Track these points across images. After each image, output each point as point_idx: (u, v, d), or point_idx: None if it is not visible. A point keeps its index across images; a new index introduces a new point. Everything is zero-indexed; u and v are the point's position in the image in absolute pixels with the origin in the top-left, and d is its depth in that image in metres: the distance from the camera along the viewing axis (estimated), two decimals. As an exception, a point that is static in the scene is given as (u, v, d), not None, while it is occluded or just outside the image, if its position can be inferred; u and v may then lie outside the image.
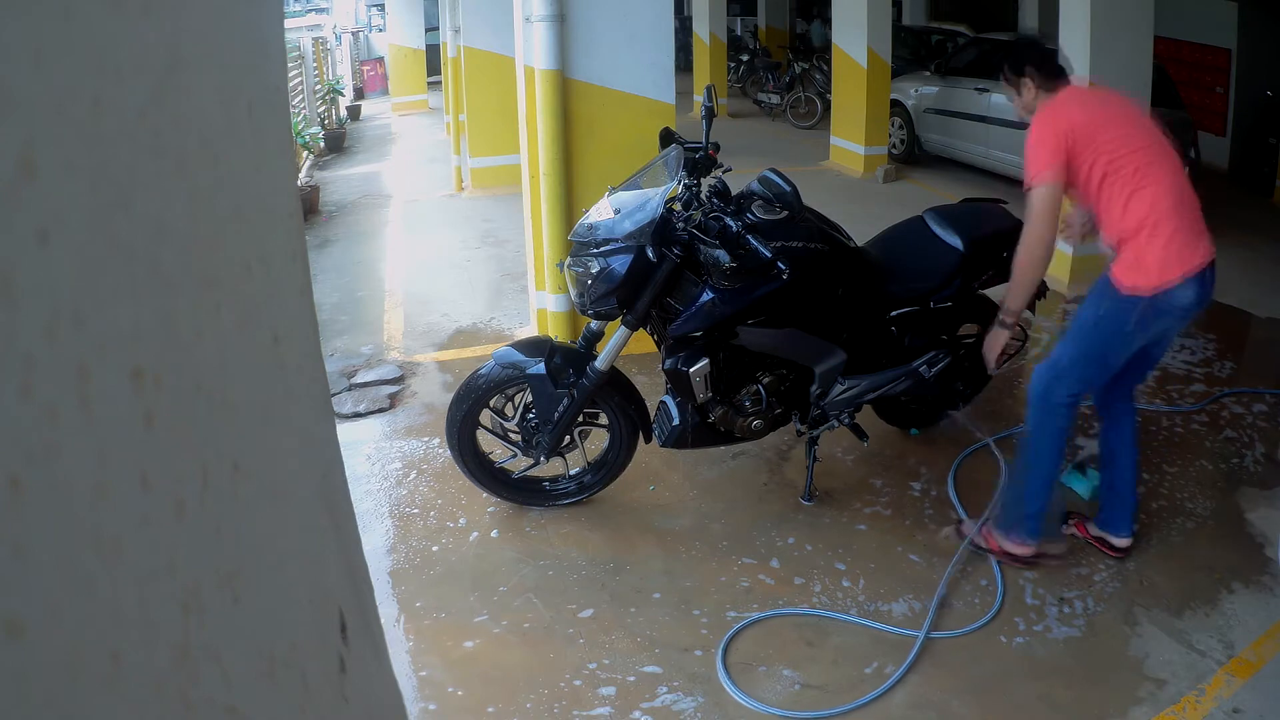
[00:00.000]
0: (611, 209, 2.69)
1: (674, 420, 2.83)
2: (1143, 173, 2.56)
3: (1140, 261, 2.53)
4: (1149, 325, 2.58)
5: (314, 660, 0.44)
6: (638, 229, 2.60)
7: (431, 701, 2.28)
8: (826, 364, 2.90)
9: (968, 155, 8.16)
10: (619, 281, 2.62)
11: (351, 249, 6.57)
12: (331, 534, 0.50)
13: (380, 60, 16.65)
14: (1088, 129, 2.59)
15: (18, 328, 0.26)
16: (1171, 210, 2.53)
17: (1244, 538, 2.95)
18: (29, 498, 0.26)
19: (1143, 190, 2.55)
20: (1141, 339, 2.63)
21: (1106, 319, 2.62)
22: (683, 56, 13.53)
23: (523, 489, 3.03)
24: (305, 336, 0.49)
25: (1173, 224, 2.52)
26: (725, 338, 2.75)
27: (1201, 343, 4.53)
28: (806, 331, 2.82)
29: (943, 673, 2.36)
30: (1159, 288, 2.50)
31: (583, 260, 2.68)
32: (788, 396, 2.95)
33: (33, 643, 0.25)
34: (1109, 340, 2.63)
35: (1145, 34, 5.17)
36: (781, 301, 2.72)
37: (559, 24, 3.76)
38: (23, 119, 0.26)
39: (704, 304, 2.65)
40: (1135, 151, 2.58)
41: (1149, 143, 2.63)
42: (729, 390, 2.84)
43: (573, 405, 2.78)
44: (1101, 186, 2.58)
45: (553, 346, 2.83)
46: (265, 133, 0.44)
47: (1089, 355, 2.66)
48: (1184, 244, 2.52)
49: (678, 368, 2.72)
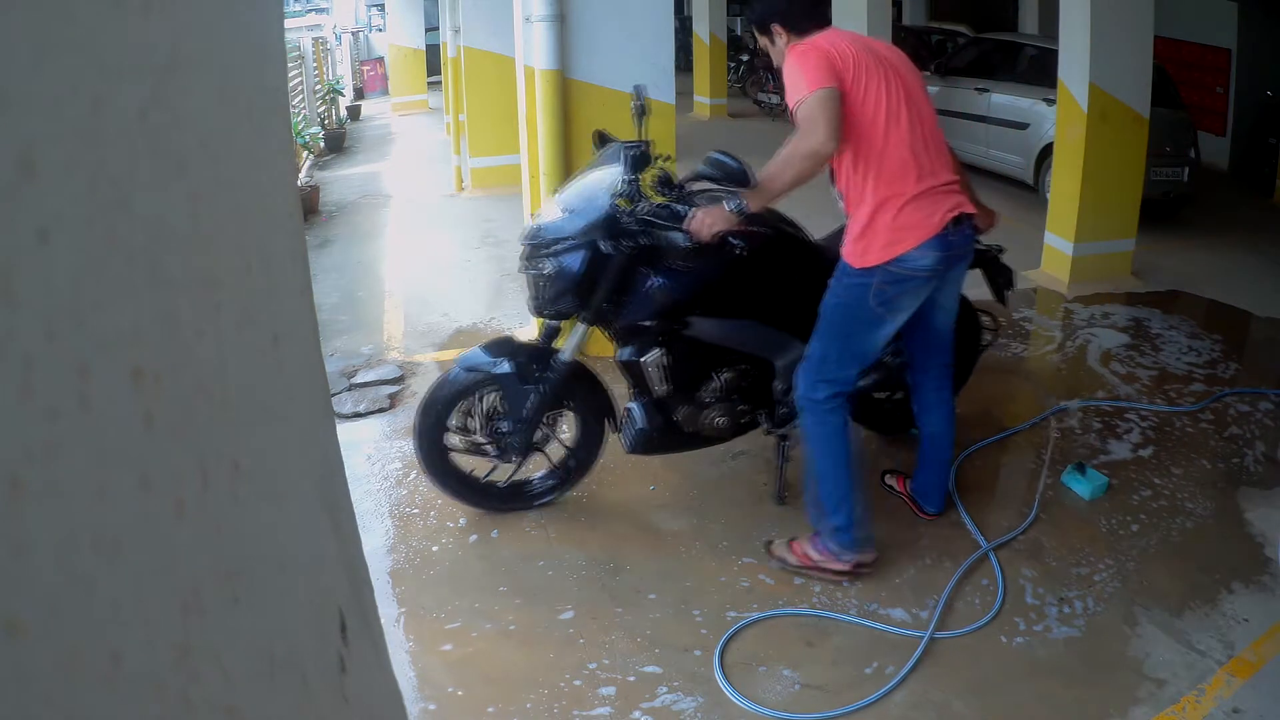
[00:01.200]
0: (560, 210, 2.70)
1: (638, 424, 2.81)
2: (880, 122, 2.37)
3: (866, 235, 2.40)
4: (893, 299, 2.44)
5: (314, 660, 0.44)
6: (589, 224, 2.61)
7: (431, 701, 2.28)
8: (788, 357, 2.86)
9: (968, 155, 8.14)
10: (574, 278, 2.63)
11: (351, 249, 6.57)
12: (331, 534, 0.50)
13: (380, 60, 16.64)
14: (856, 62, 2.37)
15: (18, 328, 0.26)
16: (898, 173, 2.37)
17: (1244, 538, 2.94)
18: (29, 498, 0.26)
19: (880, 146, 2.37)
20: (893, 315, 2.48)
21: (844, 303, 2.49)
22: (683, 56, 13.51)
23: (509, 496, 3.01)
24: (305, 336, 0.49)
25: (905, 192, 2.37)
26: (678, 328, 2.73)
27: (1202, 343, 4.53)
28: (763, 323, 2.80)
29: (943, 673, 2.36)
30: (888, 260, 2.38)
31: (535, 263, 2.69)
32: (753, 393, 2.91)
33: (33, 643, 0.25)
34: (853, 325, 2.49)
35: (1145, 34, 5.17)
36: (733, 289, 2.70)
37: (559, 24, 3.76)
38: (23, 119, 0.26)
39: (652, 289, 2.64)
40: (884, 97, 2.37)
41: (896, 84, 2.41)
42: (689, 386, 2.82)
43: (542, 399, 2.79)
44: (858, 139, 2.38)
45: (516, 345, 2.85)
46: (265, 133, 0.44)
47: (839, 345, 2.53)
48: (916, 210, 2.37)
49: (630, 358, 2.71)
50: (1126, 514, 3.05)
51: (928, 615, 2.54)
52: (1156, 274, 5.54)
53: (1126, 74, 5.14)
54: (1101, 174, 5.19)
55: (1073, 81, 5.17)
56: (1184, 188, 6.75)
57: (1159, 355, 4.38)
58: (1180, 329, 4.72)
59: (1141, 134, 5.29)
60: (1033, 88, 7.27)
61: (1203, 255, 6.02)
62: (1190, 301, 5.19)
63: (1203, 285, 5.39)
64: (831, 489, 2.59)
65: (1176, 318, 4.89)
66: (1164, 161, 6.45)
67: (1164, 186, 6.56)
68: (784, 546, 2.73)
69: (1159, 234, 6.22)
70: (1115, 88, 5.13)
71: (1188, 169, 6.70)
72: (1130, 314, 4.94)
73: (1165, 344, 4.52)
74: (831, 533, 2.61)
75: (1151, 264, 5.64)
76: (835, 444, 2.57)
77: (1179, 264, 5.75)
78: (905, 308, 2.50)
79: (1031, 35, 9.53)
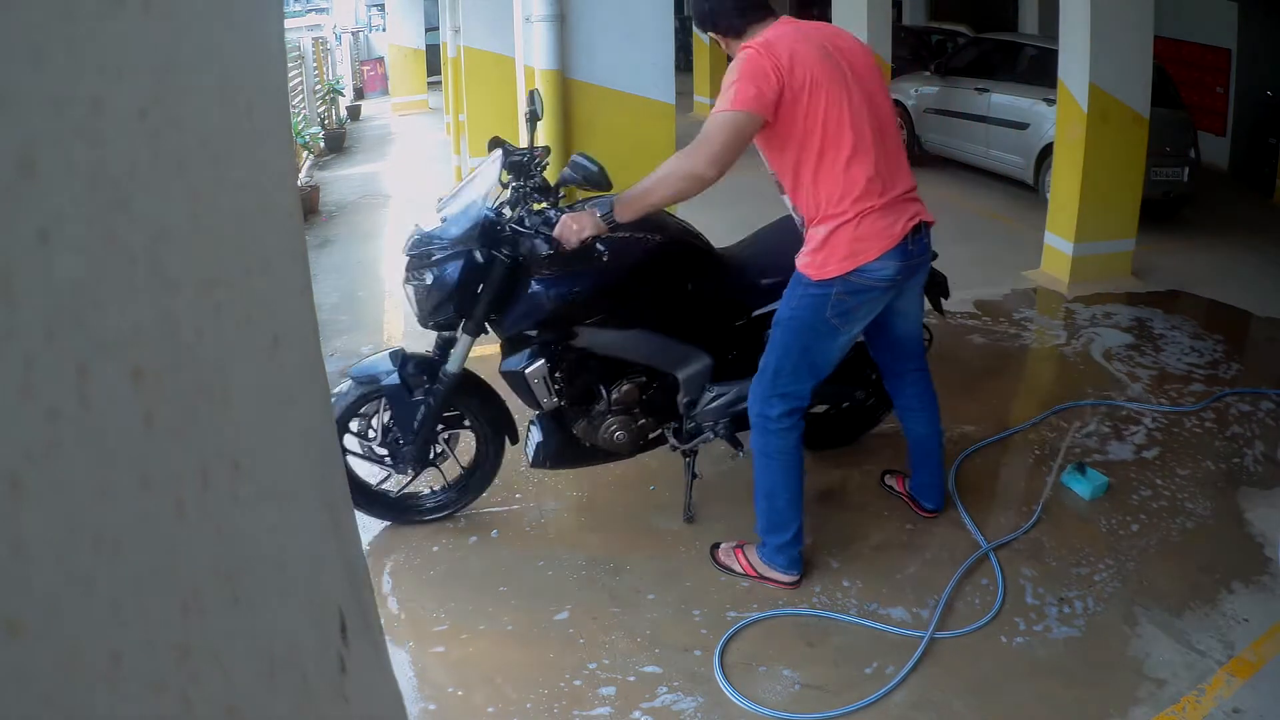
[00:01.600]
0: (440, 219, 2.64)
1: (536, 437, 2.76)
2: (841, 134, 2.26)
3: (826, 247, 2.31)
4: (850, 310, 2.37)
5: (314, 660, 0.44)
6: (463, 233, 2.56)
7: (431, 701, 2.28)
8: (689, 369, 2.77)
9: (968, 155, 8.16)
10: (451, 289, 2.57)
11: (351, 249, 6.57)
12: (331, 534, 0.50)
13: (380, 60, 16.63)
14: (807, 66, 2.23)
15: (18, 328, 0.26)
16: (860, 186, 2.28)
17: (1244, 538, 2.94)
18: (29, 497, 0.26)
19: (840, 157, 2.26)
20: (848, 327, 2.41)
21: (800, 315, 2.40)
22: (683, 56, 13.50)
23: (399, 507, 2.97)
24: (305, 336, 0.49)
25: (866, 204, 2.29)
26: (564, 338, 2.65)
27: (1203, 343, 4.53)
28: (656, 332, 2.69)
29: (943, 673, 2.36)
30: (848, 271, 2.31)
31: (416, 273, 2.63)
32: (655, 407, 2.81)
33: (33, 643, 0.25)
34: (809, 337, 2.41)
35: (1145, 34, 5.17)
36: (617, 296, 2.60)
37: (559, 24, 3.76)
38: (23, 119, 0.26)
39: (530, 296, 2.57)
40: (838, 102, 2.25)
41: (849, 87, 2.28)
42: (582, 399, 2.73)
43: (430, 412, 2.73)
44: (804, 145, 2.28)
45: (405, 356, 2.77)
46: (265, 133, 0.44)
47: (793, 358, 2.44)
48: (878, 220, 2.30)
49: (512, 369, 2.63)
50: (1126, 514, 3.05)
51: (928, 615, 2.54)
52: (1156, 274, 5.54)
53: (1126, 74, 5.14)
54: (1101, 174, 5.19)
55: (1073, 81, 5.17)
56: (1184, 188, 6.76)
57: (1159, 355, 4.38)
58: (1181, 329, 4.72)
59: (1141, 134, 5.29)
60: (1033, 88, 7.27)
61: (1203, 255, 6.02)
62: (1190, 301, 5.19)
63: (1203, 285, 5.39)
64: (783, 507, 2.54)
65: (1177, 318, 4.89)
66: (1164, 161, 6.45)
67: (1164, 186, 6.56)
68: (729, 553, 2.71)
69: (1159, 234, 6.22)
70: (1115, 88, 5.13)
71: (1188, 169, 6.70)
72: (1130, 314, 4.94)
73: (1166, 344, 4.52)
74: (776, 549, 2.60)
75: (1151, 264, 5.65)
76: (787, 462, 2.51)
77: (1179, 264, 5.75)
78: (862, 318, 2.43)
79: (1031, 35, 9.52)
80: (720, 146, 2.19)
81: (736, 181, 2.83)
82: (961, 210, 7.11)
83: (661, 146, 3.91)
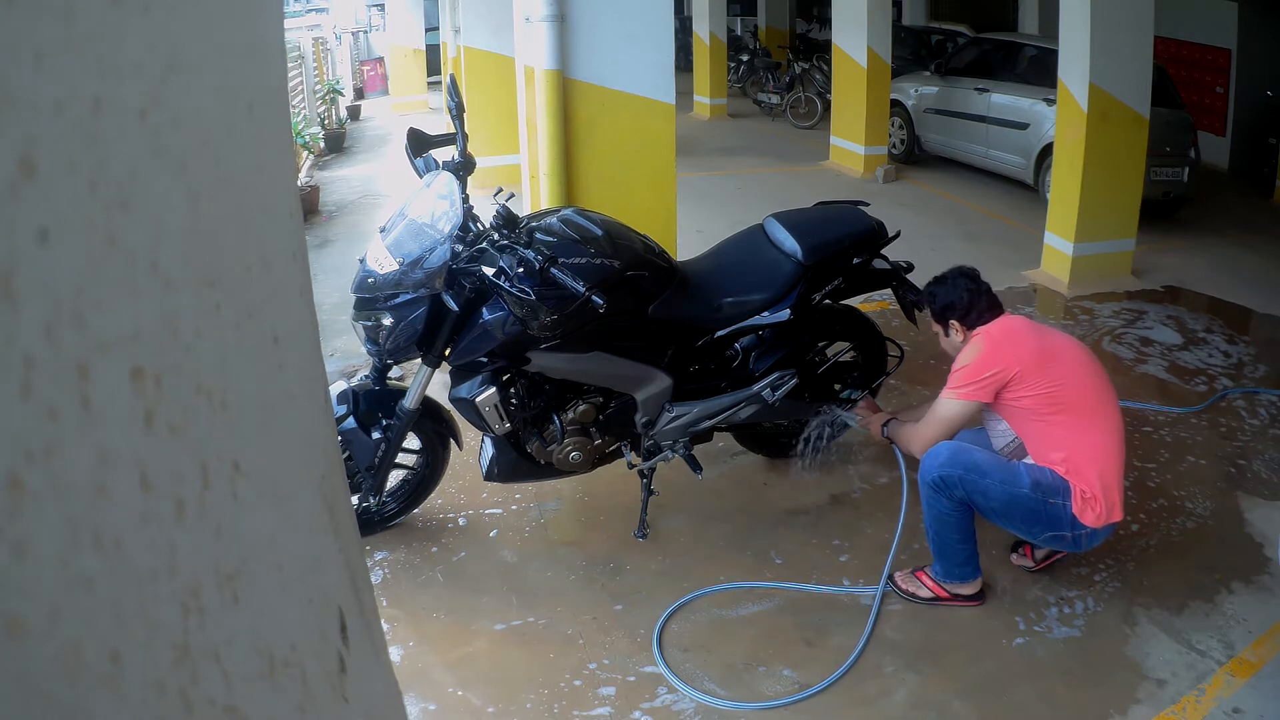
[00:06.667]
0: (394, 258, 2.49)
1: (489, 452, 2.71)
2: (1087, 415, 2.47)
3: (1097, 498, 2.42)
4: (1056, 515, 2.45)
5: (314, 660, 0.44)
6: (427, 276, 2.43)
7: (431, 701, 2.28)
8: (648, 390, 2.70)
9: (967, 155, 8.17)
10: (418, 331, 2.49)
11: (351, 249, 6.55)
12: (331, 534, 0.50)
13: (380, 60, 16.62)
14: (1035, 362, 2.47)
15: (18, 328, 0.26)
16: (1115, 460, 2.47)
17: (1244, 538, 2.95)
18: (29, 498, 0.26)
19: (1089, 433, 2.46)
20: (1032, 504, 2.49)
21: (1039, 510, 2.45)
22: (683, 56, 13.51)
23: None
24: (305, 336, 0.49)
25: (1116, 472, 2.46)
26: (517, 362, 2.55)
27: (1203, 342, 4.53)
28: (612, 354, 2.61)
29: (942, 673, 2.36)
30: (1106, 523, 2.43)
31: (371, 315, 2.53)
32: (612, 426, 2.75)
33: (33, 643, 0.25)
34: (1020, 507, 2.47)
35: (1145, 34, 5.17)
36: (574, 322, 2.49)
37: (559, 24, 3.76)
38: (23, 119, 0.26)
39: (484, 324, 2.48)
40: (1084, 393, 2.49)
41: (1097, 385, 2.53)
42: (535, 421, 2.68)
43: (390, 448, 2.68)
44: (1035, 418, 2.47)
45: (353, 394, 2.70)
46: (265, 133, 0.44)
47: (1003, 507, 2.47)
48: (1117, 495, 2.45)
49: (462, 397, 2.57)
50: (1126, 514, 3.04)
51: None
52: (1156, 273, 5.54)
53: (1126, 74, 5.15)
54: (1101, 174, 5.19)
55: (1073, 81, 5.17)
56: (1184, 187, 6.76)
57: (1160, 355, 4.38)
58: (1181, 329, 4.72)
59: (1141, 134, 5.29)
60: (1033, 88, 7.28)
61: (1203, 255, 6.02)
62: (1191, 301, 5.19)
63: (1203, 284, 5.39)
64: (954, 542, 2.54)
65: (1177, 317, 4.89)
66: (1164, 161, 6.46)
67: (1164, 186, 6.56)
68: (910, 579, 2.67)
69: (1159, 234, 6.22)
70: (1115, 88, 5.13)
71: (1188, 169, 6.71)
72: (1131, 314, 4.94)
73: (1166, 344, 4.52)
74: (953, 567, 2.58)
75: (1151, 263, 5.65)
76: (959, 516, 2.52)
77: (1179, 263, 5.75)
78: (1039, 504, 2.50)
79: (1031, 35, 9.53)
80: (943, 434, 2.59)
81: (737, 181, 2.82)
82: (961, 210, 7.12)
83: (662, 146, 3.92)
